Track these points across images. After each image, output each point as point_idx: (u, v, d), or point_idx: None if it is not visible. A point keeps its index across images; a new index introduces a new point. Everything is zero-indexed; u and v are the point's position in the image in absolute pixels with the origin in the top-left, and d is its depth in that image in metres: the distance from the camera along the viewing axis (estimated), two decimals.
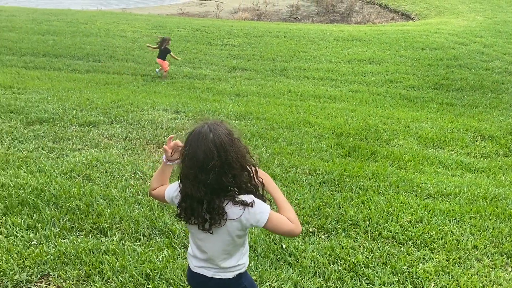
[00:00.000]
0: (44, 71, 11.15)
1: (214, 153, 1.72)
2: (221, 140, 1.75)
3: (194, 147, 1.75)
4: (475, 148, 6.80)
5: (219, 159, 1.73)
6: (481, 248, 3.60)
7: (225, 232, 1.86)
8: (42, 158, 5.01)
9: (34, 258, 3.10)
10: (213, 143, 1.73)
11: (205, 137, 1.74)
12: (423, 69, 12.55)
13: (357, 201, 4.31)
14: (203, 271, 1.98)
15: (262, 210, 1.82)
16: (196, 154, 1.74)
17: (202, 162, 1.73)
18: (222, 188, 1.78)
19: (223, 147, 1.74)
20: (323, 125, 7.31)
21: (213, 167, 1.72)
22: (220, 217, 1.79)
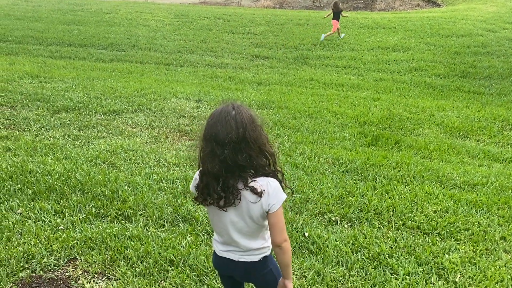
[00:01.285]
0: (69, 61, 11.33)
1: (233, 128, 1.73)
2: (242, 118, 1.76)
3: (215, 121, 1.76)
4: (503, 138, 6.62)
5: (236, 135, 1.73)
6: (510, 239, 3.51)
7: (244, 214, 1.86)
8: (68, 146, 5.10)
9: (61, 242, 3.17)
10: (234, 119, 1.74)
11: (227, 113, 1.76)
12: (449, 57, 12.23)
13: (380, 191, 4.25)
14: (228, 254, 1.99)
15: (278, 198, 1.83)
16: (215, 128, 1.75)
17: (219, 135, 1.73)
18: (237, 166, 1.77)
19: (242, 124, 1.75)
20: (346, 114, 7.23)
21: (229, 141, 1.73)
22: (234, 197, 1.79)
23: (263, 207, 1.82)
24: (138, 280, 2.83)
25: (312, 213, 3.81)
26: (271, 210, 1.82)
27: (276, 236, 1.85)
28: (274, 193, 1.81)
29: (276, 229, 1.84)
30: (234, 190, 1.79)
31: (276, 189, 1.83)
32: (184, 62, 11.88)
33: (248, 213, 1.85)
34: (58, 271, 2.92)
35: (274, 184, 1.83)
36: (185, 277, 2.87)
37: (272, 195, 1.81)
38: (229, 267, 2.02)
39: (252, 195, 1.80)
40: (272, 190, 1.81)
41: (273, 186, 1.82)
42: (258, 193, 1.79)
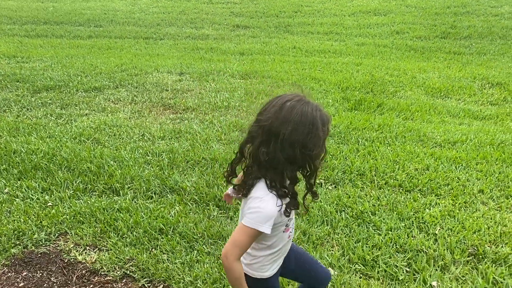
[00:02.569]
0: (46, 39, 11.07)
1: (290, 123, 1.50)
2: (309, 120, 1.52)
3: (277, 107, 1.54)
4: (483, 96, 6.74)
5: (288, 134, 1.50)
6: (487, 192, 3.65)
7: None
8: (51, 124, 5.07)
9: (51, 218, 3.21)
10: (298, 114, 1.50)
11: (297, 105, 1.52)
12: (430, 18, 12.24)
13: (363, 152, 4.35)
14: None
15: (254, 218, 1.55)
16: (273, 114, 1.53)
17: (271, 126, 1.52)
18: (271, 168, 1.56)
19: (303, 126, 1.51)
20: (329, 80, 7.26)
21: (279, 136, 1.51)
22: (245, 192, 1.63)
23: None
24: (129, 249, 2.90)
25: None
26: (241, 220, 1.61)
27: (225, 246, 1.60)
28: (254, 210, 1.56)
29: (230, 238, 1.61)
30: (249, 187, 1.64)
31: (260, 208, 1.55)
32: (164, 35, 11.70)
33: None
34: (49, 245, 2.98)
35: (264, 205, 1.56)
36: (175, 244, 2.94)
37: (251, 209, 1.57)
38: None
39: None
40: (256, 206, 1.56)
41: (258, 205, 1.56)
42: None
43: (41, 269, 2.77)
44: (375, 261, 2.80)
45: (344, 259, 2.81)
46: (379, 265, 2.76)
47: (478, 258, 2.85)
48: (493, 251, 2.88)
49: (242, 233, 1.57)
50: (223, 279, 2.62)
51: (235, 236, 1.58)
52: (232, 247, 1.57)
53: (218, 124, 5.10)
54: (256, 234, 1.57)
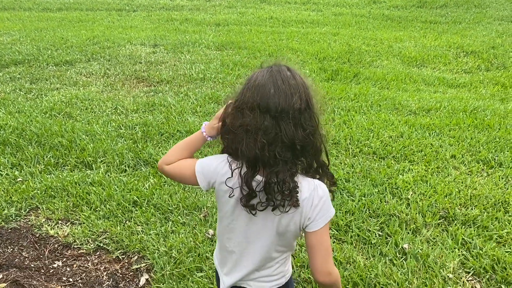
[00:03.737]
0: (13, 12, 10.64)
1: (295, 91, 1.20)
2: (302, 79, 1.24)
3: (264, 82, 1.21)
4: (458, 64, 6.79)
5: (299, 101, 1.19)
6: (459, 157, 3.71)
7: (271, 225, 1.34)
8: (20, 99, 4.92)
9: (21, 193, 3.14)
10: (293, 79, 1.22)
11: (280, 72, 1.22)
12: None
13: (339, 122, 4.36)
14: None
15: (326, 212, 1.28)
16: (266, 91, 1.19)
17: (272, 101, 1.19)
18: (293, 149, 1.22)
19: (305, 89, 1.22)
20: (306, 51, 7.20)
21: (290, 110, 1.19)
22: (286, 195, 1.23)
23: (301, 221, 1.29)
24: (102, 222, 2.86)
25: None
26: (312, 228, 1.28)
27: (317, 264, 1.29)
28: (321, 204, 1.27)
29: (319, 253, 1.29)
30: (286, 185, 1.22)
31: (325, 198, 1.28)
32: (137, 6, 11.36)
33: (278, 224, 1.32)
34: (20, 221, 2.92)
35: (323, 192, 1.28)
36: (149, 215, 2.92)
37: (318, 206, 1.27)
38: None
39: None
40: (319, 200, 1.27)
41: (321, 195, 1.27)
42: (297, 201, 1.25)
43: (12, 244, 2.72)
44: (348, 226, 2.83)
45: None
46: (352, 230, 2.79)
47: (448, 221, 2.91)
48: (463, 213, 2.94)
49: (326, 235, 1.30)
50: (198, 248, 2.62)
51: (325, 247, 1.29)
52: (329, 261, 1.31)
53: (193, 96, 5.03)
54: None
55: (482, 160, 3.67)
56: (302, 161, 1.27)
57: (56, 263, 2.59)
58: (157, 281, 2.44)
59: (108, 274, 2.52)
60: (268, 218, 1.31)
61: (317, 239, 1.29)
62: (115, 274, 2.52)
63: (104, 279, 2.49)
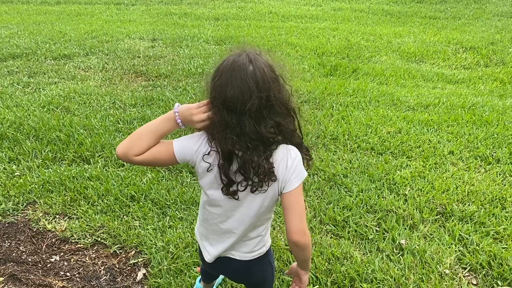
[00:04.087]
0: (11, 5, 10.59)
1: (253, 91, 1.26)
2: (264, 74, 1.28)
3: (225, 80, 1.28)
4: (457, 60, 6.78)
5: (258, 100, 1.27)
6: (457, 153, 3.71)
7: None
8: (18, 93, 4.91)
9: (19, 187, 3.13)
10: (253, 77, 1.26)
11: (241, 69, 1.27)
12: None
13: (337, 117, 4.35)
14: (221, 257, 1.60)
15: (299, 173, 1.38)
16: (227, 90, 1.27)
17: (234, 101, 1.27)
18: (261, 140, 1.31)
19: (265, 84, 1.27)
20: (305, 46, 7.18)
21: (250, 109, 1.27)
22: (262, 178, 1.34)
23: (278, 185, 1.39)
24: (100, 217, 2.86)
25: None
26: (288, 189, 1.37)
27: (293, 223, 1.36)
28: (295, 164, 1.37)
29: (295, 213, 1.37)
30: (261, 168, 1.31)
31: (297, 159, 1.38)
32: (136, 0, 11.31)
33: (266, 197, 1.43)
34: (17, 215, 2.91)
35: (295, 154, 1.38)
36: (147, 210, 2.92)
37: (292, 167, 1.36)
38: (223, 268, 1.67)
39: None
40: (292, 162, 1.36)
41: (293, 157, 1.37)
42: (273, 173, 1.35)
43: (9, 238, 2.72)
44: (346, 221, 2.84)
45: (315, 220, 2.85)
46: (349, 225, 2.80)
47: (445, 217, 2.92)
48: (460, 209, 2.95)
49: (301, 196, 1.38)
50: (195, 243, 2.62)
51: (300, 206, 1.37)
52: (303, 220, 1.38)
53: (191, 91, 5.01)
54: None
55: (480, 156, 3.67)
56: (276, 142, 1.36)
57: (54, 258, 2.60)
58: (155, 276, 2.44)
59: (105, 268, 2.52)
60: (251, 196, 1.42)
61: (292, 199, 1.37)
62: (113, 268, 2.52)
63: (101, 273, 2.49)
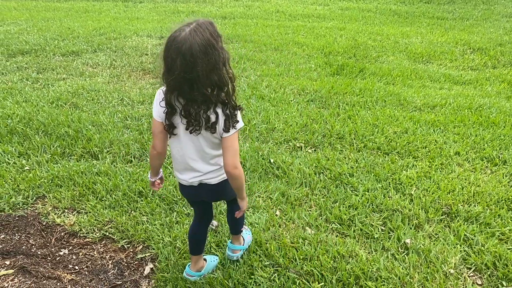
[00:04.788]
0: (21, 2, 10.67)
1: (185, 63, 1.61)
2: (195, 50, 1.60)
3: (167, 49, 1.64)
4: (464, 61, 6.77)
5: (189, 71, 1.63)
6: (463, 154, 3.72)
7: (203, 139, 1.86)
8: (27, 89, 4.96)
9: (28, 182, 3.18)
10: (188, 50, 1.60)
11: (180, 42, 1.61)
12: None
13: (343, 117, 4.36)
14: (192, 182, 1.99)
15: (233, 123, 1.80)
16: (168, 57, 1.64)
17: (172, 67, 1.63)
18: (193, 100, 1.71)
19: (195, 60, 1.61)
20: (312, 45, 7.20)
21: (182, 76, 1.64)
22: (196, 124, 1.77)
23: (219, 131, 1.80)
24: (108, 212, 2.90)
25: (277, 141, 3.90)
26: (226, 135, 1.80)
27: (229, 159, 1.82)
28: (228, 118, 1.78)
29: (230, 152, 1.82)
30: (196, 117, 1.74)
31: (231, 114, 1.78)
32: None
33: (207, 137, 1.85)
34: (27, 209, 2.96)
35: (225, 113, 1.78)
36: (154, 206, 2.95)
37: (225, 121, 1.78)
38: (196, 193, 2.05)
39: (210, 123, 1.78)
40: (225, 118, 1.77)
41: (225, 114, 1.78)
42: (214, 124, 1.78)
43: (19, 231, 2.76)
44: (352, 220, 2.86)
45: (321, 219, 2.87)
46: (355, 224, 2.82)
47: (451, 217, 2.93)
48: (466, 210, 2.96)
49: (235, 140, 1.82)
50: None
51: (234, 147, 1.81)
52: (236, 157, 1.82)
53: None
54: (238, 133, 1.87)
55: (486, 158, 3.67)
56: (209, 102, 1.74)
57: (63, 251, 2.63)
58: (162, 270, 2.47)
59: (113, 262, 2.56)
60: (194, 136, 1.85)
61: (228, 142, 1.82)
62: (120, 263, 2.56)
63: (109, 267, 2.53)
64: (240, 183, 1.90)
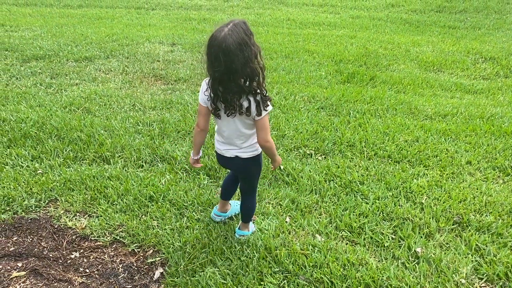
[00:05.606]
0: (35, 8, 10.84)
1: (221, 62, 1.94)
2: (230, 50, 1.91)
3: (208, 47, 1.96)
4: (476, 70, 6.73)
5: (224, 67, 1.95)
6: (475, 163, 3.69)
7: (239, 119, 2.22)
8: (41, 94, 5.03)
9: (41, 185, 3.22)
10: (223, 52, 1.91)
11: (219, 43, 1.91)
12: None
13: (354, 124, 4.36)
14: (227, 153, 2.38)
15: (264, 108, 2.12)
16: (209, 56, 1.97)
17: (211, 64, 1.98)
18: (230, 90, 2.04)
19: (229, 57, 1.92)
20: (323, 53, 7.21)
21: (219, 73, 1.98)
22: (231, 109, 2.12)
23: (252, 115, 2.13)
24: (119, 216, 2.92)
25: (287, 148, 3.90)
26: (257, 118, 2.13)
27: (261, 136, 2.20)
28: (257, 106, 2.10)
29: (262, 131, 2.18)
30: (231, 103, 2.09)
31: (262, 100, 2.10)
32: (156, 5, 11.49)
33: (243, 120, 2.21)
34: (39, 211, 2.99)
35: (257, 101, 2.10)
36: (165, 211, 2.97)
37: (257, 108, 2.10)
38: (228, 163, 2.45)
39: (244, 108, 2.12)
40: (256, 105, 2.09)
41: (256, 102, 2.10)
42: (248, 109, 2.11)
43: (31, 234, 2.80)
44: (362, 228, 2.85)
45: (331, 226, 2.86)
46: (365, 232, 2.81)
47: (462, 226, 2.90)
48: (477, 220, 2.93)
49: (266, 121, 2.17)
50: (212, 244, 2.66)
51: (265, 126, 2.17)
52: (267, 134, 2.20)
53: None
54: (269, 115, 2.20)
55: (498, 167, 3.65)
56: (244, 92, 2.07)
57: (74, 254, 2.66)
58: (171, 275, 2.48)
59: (123, 266, 2.58)
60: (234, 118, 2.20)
61: (260, 124, 2.16)
62: (131, 266, 2.57)
63: (119, 271, 2.55)
64: (271, 152, 2.30)
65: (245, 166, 2.42)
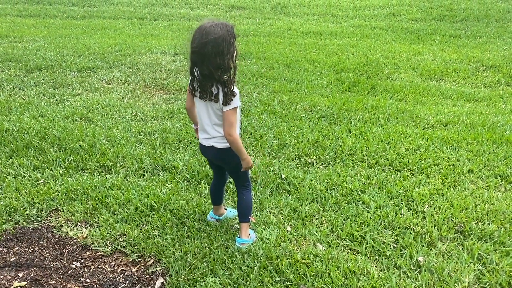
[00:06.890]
0: (39, 19, 10.95)
1: (199, 40, 2.11)
2: (209, 33, 2.09)
3: (193, 36, 2.15)
4: (477, 79, 6.74)
5: (199, 46, 2.11)
6: (476, 171, 3.68)
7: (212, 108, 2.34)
8: (43, 104, 5.06)
9: (43, 195, 3.22)
10: (203, 32, 2.09)
11: (201, 29, 2.12)
12: (426, 1, 12.17)
13: (355, 133, 4.37)
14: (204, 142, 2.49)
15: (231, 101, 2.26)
16: (192, 40, 2.15)
17: (191, 44, 2.14)
18: (203, 75, 2.21)
19: (207, 40, 2.09)
20: (324, 62, 7.24)
21: (193, 51, 2.15)
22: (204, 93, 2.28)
23: (219, 106, 2.27)
24: (120, 225, 2.92)
25: (289, 156, 3.91)
26: (224, 110, 2.27)
27: (225, 128, 2.30)
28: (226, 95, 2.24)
29: (226, 123, 2.29)
30: (205, 88, 2.25)
31: (236, 94, 2.25)
32: (158, 15, 11.59)
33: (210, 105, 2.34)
34: (41, 221, 2.99)
35: (236, 90, 2.26)
36: (166, 220, 2.97)
37: (225, 99, 2.24)
38: (206, 152, 2.54)
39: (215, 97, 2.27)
40: (225, 95, 2.24)
41: (235, 92, 2.25)
42: (216, 96, 2.26)
43: (33, 244, 2.80)
44: (363, 237, 2.84)
45: (332, 235, 2.85)
46: (367, 241, 2.79)
47: (464, 235, 2.89)
48: (480, 228, 2.92)
49: (232, 115, 2.27)
50: (213, 254, 2.66)
51: (229, 119, 2.27)
52: (231, 127, 2.28)
53: None
54: (236, 111, 2.30)
55: (500, 175, 3.63)
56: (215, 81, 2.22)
57: (75, 264, 2.66)
58: (172, 284, 2.47)
59: (124, 276, 2.57)
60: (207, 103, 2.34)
61: (226, 115, 2.27)
62: (131, 276, 2.57)
63: (120, 281, 2.54)
64: (235, 147, 2.36)
65: (222, 157, 2.51)
